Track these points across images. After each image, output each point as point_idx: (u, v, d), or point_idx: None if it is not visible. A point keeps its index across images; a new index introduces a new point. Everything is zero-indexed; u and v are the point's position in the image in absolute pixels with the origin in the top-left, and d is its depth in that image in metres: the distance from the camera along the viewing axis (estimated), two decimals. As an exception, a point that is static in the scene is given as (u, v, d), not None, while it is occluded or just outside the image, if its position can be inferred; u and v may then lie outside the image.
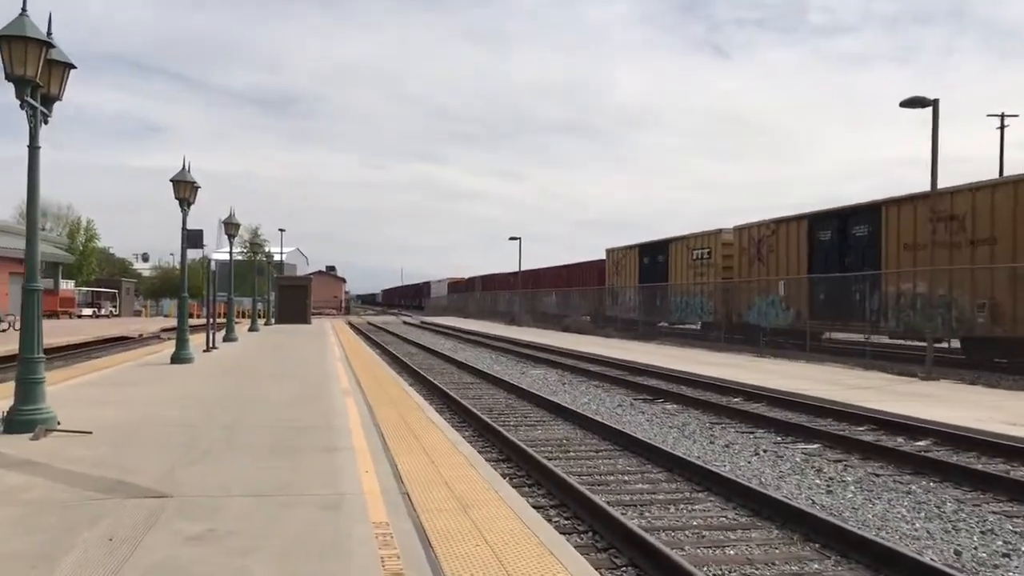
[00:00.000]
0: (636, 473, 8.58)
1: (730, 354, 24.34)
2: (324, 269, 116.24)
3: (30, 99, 7.92)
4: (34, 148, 8.09)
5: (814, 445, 10.29)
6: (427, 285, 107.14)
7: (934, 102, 17.23)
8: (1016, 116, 40.35)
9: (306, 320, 45.12)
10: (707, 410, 13.32)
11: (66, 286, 61.24)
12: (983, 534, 6.50)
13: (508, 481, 7.27)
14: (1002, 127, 40.62)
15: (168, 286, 79.90)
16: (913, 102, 17.40)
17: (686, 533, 6.40)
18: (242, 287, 46.15)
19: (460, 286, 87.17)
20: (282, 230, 54.61)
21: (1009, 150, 41.13)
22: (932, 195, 17.97)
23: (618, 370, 20.04)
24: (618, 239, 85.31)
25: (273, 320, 45.03)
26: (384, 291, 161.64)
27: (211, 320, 22.15)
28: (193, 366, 16.38)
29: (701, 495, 7.60)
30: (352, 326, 46.85)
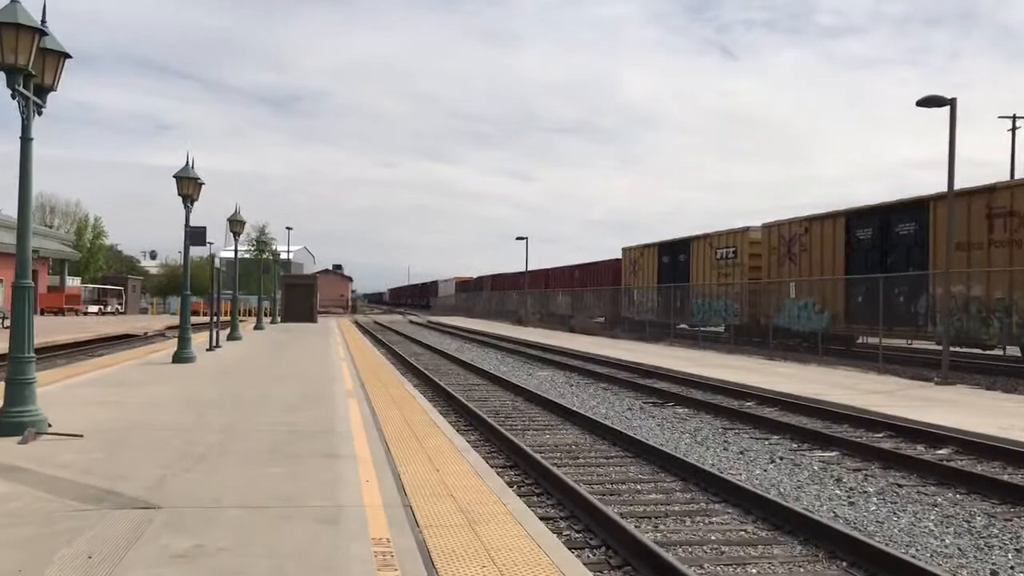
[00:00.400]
0: (649, 482, 8.24)
1: (741, 356, 23.95)
2: (331, 268, 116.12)
3: (22, 89, 7.64)
4: (26, 140, 7.82)
5: (831, 452, 9.93)
6: (434, 284, 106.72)
7: (951, 101, 16.87)
8: (1027, 118, 39.87)
9: (312, 319, 44.84)
10: (719, 415, 12.97)
11: (72, 283, 61.29)
12: (1018, 552, 6.13)
13: (516, 491, 6.96)
14: (1013, 128, 40.15)
15: (175, 284, 79.59)
16: (930, 101, 17.00)
17: (704, 549, 6.06)
18: (248, 285, 45.87)
19: (468, 285, 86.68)
20: (289, 228, 53.91)
21: (1021, 152, 40.24)
22: (988, 189, 16.65)
23: (627, 372, 19.71)
24: (626, 239, 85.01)
25: (279, 319, 44.84)
26: (391, 290, 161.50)
27: (215, 318, 21.91)
28: (194, 366, 16.11)
29: (718, 506, 7.26)
30: (358, 325, 46.61)
